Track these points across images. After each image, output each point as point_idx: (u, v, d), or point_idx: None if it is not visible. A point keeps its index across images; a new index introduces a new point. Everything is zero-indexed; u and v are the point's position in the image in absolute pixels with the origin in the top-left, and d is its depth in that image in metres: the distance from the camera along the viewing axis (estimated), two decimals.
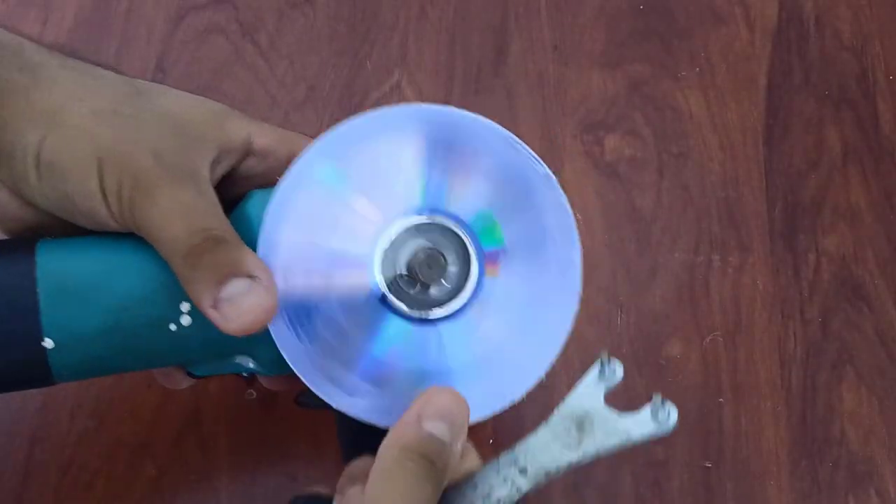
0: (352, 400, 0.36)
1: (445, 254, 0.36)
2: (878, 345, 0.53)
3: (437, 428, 0.33)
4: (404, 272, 0.36)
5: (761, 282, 0.54)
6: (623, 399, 0.52)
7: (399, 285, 0.36)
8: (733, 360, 0.52)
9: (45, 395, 0.51)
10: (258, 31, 0.61)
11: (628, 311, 0.53)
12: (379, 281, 0.36)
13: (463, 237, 0.37)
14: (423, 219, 0.36)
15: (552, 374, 0.53)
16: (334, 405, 0.36)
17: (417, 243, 0.36)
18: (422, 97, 0.59)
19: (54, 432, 0.50)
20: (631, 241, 0.55)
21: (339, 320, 0.36)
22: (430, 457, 0.33)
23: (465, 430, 0.34)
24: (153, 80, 0.59)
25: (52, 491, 0.49)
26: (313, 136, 0.57)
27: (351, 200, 0.36)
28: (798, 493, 0.49)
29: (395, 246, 0.36)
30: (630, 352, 0.52)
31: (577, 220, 0.56)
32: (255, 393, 0.51)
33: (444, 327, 0.36)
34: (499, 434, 0.50)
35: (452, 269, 0.37)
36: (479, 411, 0.36)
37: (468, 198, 0.37)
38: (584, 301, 0.54)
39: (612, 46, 0.61)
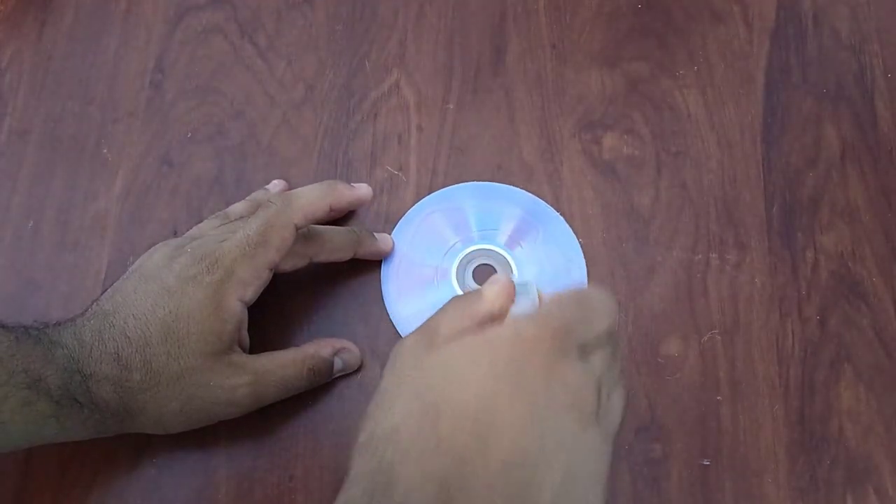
0: None
1: (495, 267, 0.54)
2: (876, 342, 0.53)
3: None
4: (472, 277, 0.54)
5: (759, 280, 0.54)
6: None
7: (467, 285, 0.54)
8: (731, 358, 0.52)
9: None
10: (257, 31, 0.61)
11: (627, 310, 0.53)
12: (455, 282, 0.54)
13: (507, 258, 0.55)
14: (481, 246, 0.55)
15: None
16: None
17: (479, 260, 0.55)
18: (420, 97, 0.59)
19: None
20: (629, 240, 0.55)
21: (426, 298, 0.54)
22: None
23: None
24: (152, 80, 0.60)
25: (52, 491, 0.49)
26: (311, 137, 0.57)
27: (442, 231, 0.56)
28: (796, 491, 0.49)
29: (464, 261, 0.55)
30: (628, 350, 0.52)
31: (576, 220, 0.57)
32: None
33: None
34: None
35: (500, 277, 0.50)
36: None
37: (511, 234, 0.56)
38: None
39: (610, 45, 0.61)
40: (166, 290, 0.45)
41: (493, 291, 0.41)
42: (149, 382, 0.44)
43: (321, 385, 0.51)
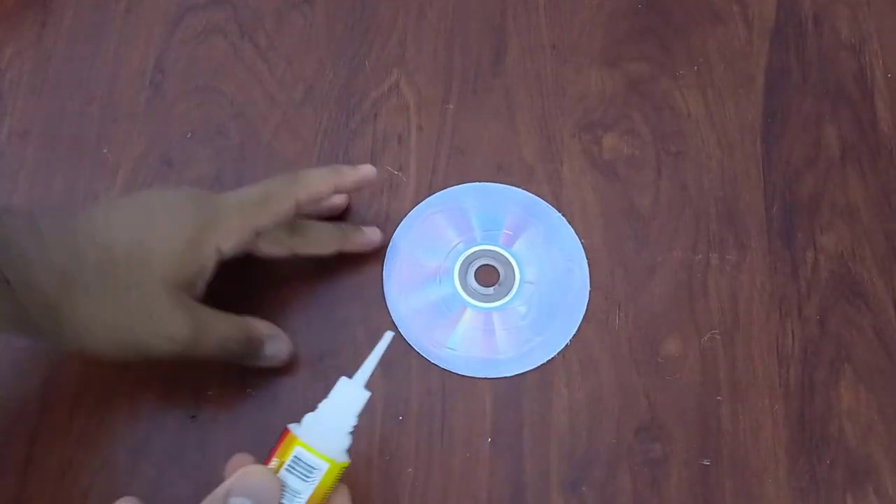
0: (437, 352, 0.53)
1: (497, 267, 0.55)
2: (875, 342, 0.53)
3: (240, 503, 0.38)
4: (473, 277, 0.54)
5: (759, 280, 0.54)
6: (621, 397, 0.52)
7: (469, 285, 0.54)
8: (731, 358, 0.52)
9: (45, 395, 0.51)
10: (257, 31, 0.61)
11: (626, 310, 0.53)
12: (457, 282, 0.54)
13: (510, 258, 0.55)
14: (483, 246, 0.55)
15: (551, 373, 0.53)
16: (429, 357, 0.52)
17: (481, 261, 0.55)
18: (420, 97, 0.59)
19: (54, 432, 0.50)
20: (629, 240, 0.55)
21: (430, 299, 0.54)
22: None
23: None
24: (152, 81, 0.60)
25: (51, 491, 0.49)
26: (311, 137, 0.57)
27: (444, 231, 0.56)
28: (796, 491, 0.49)
29: (467, 261, 0.55)
30: (628, 350, 0.52)
31: (576, 220, 0.57)
32: (253, 392, 0.51)
33: (494, 314, 0.54)
34: (498, 433, 0.51)
35: (503, 278, 0.54)
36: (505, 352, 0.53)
37: (513, 234, 0.56)
38: (588, 293, 0.55)
39: (610, 45, 0.61)
40: (150, 210, 0.45)
41: None
42: (95, 285, 0.43)
43: (319, 385, 0.51)
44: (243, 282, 0.52)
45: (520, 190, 0.57)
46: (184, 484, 0.49)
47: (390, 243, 0.55)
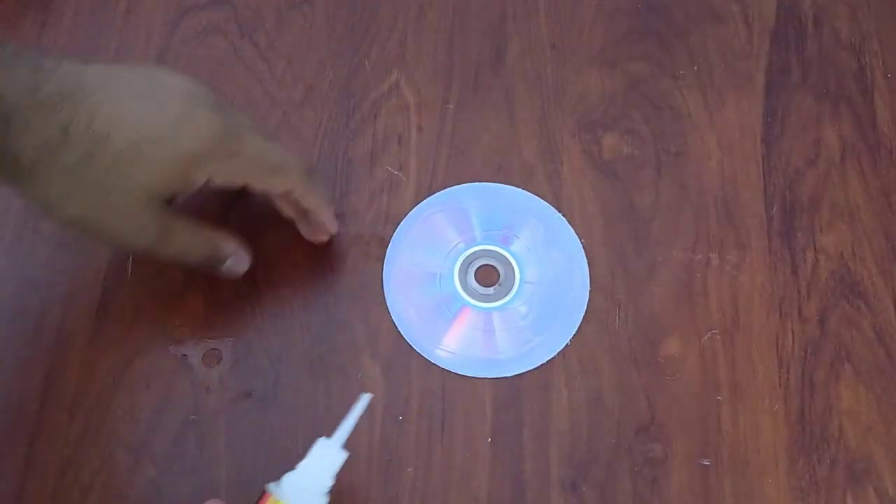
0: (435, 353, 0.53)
1: (497, 267, 0.55)
2: (875, 342, 0.53)
3: None
4: (473, 277, 0.54)
5: (759, 280, 0.54)
6: (621, 397, 0.52)
7: (469, 285, 0.54)
8: (731, 358, 0.52)
9: (45, 395, 0.51)
10: (257, 31, 0.61)
11: (626, 310, 0.53)
12: (457, 282, 0.54)
13: (510, 259, 0.55)
14: (484, 246, 0.55)
15: (551, 373, 0.53)
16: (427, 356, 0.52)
17: (481, 261, 0.55)
18: (420, 97, 0.59)
19: (54, 432, 0.50)
20: (629, 240, 0.55)
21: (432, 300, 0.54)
22: None
23: None
24: None
25: (51, 491, 0.49)
26: (311, 137, 0.57)
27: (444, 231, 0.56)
28: (796, 491, 0.49)
29: (467, 261, 0.55)
30: (628, 350, 0.52)
31: (576, 220, 0.57)
32: (253, 392, 0.51)
33: (495, 314, 0.54)
34: (498, 433, 0.51)
35: (503, 277, 0.54)
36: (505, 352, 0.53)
37: (513, 234, 0.56)
38: (588, 293, 0.54)
39: (610, 45, 0.61)
40: (165, 110, 0.44)
41: None
42: (75, 171, 0.42)
43: (319, 385, 0.51)
44: (243, 280, 0.52)
45: (520, 190, 0.57)
46: (184, 484, 0.49)
47: (390, 243, 0.55)
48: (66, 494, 0.49)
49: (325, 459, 0.43)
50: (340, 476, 0.44)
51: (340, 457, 0.43)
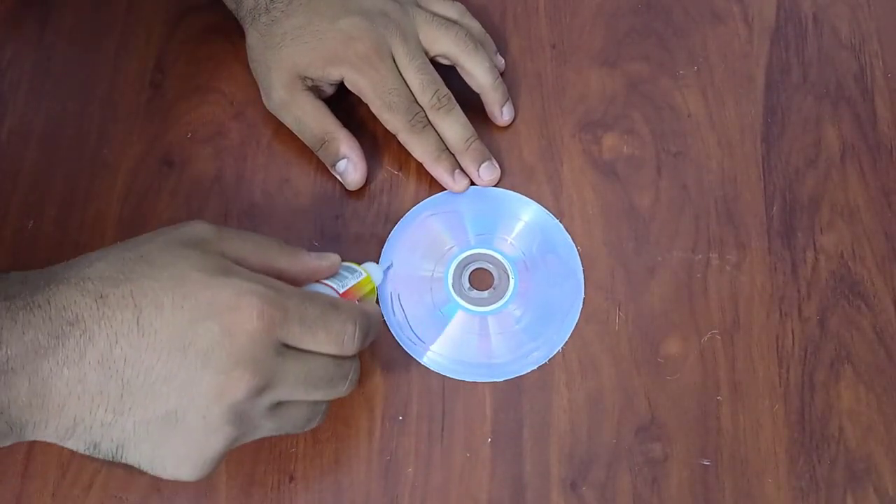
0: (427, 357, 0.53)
1: (491, 272, 0.55)
2: (875, 342, 0.53)
3: None
4: (467, 281, 0.55)
5: (759, 280, 0.54)
6: (621, 397, 0.52)
7: (463, 289, 0.54)
8: (731, 358, 0.52)
9: None
10: None
11: (626, 310, 0.53)
12: (450, 286, 0.55)
13: (504, 262, 0.55)
14: (478, 250, 0.55)
15: (551, 373, 0.53)
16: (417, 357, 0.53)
17: (476, 265, 0.55)
18: None
19: None
20: (629, 240, 0.55)
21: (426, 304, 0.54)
22: None
23: None
24: (152, 80, 0.60)
25: (52, 491, 0.49)
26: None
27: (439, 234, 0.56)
28: (796, 491, 0.49)
29: (461, 265, 0.55)
30: (628, 350, 0.52)
31: (576, 220, 0.57)
32: None
33: (490, 318, 0.54)
34: (498, 434, 0.51)
35: (497, 282, 0.55)
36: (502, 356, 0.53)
37: (508, 238, 0.56)
38: (583, 300, 0.54)
39: (610, 45, 0.61)
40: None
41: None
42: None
43: None
44: None
45: (514, 193, 0.57)
46: (184, 484, 0.49)
47: (385, 245, 0.55)
48: (65, 494, 0.49)
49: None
50: (340, 476, 0.43)
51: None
